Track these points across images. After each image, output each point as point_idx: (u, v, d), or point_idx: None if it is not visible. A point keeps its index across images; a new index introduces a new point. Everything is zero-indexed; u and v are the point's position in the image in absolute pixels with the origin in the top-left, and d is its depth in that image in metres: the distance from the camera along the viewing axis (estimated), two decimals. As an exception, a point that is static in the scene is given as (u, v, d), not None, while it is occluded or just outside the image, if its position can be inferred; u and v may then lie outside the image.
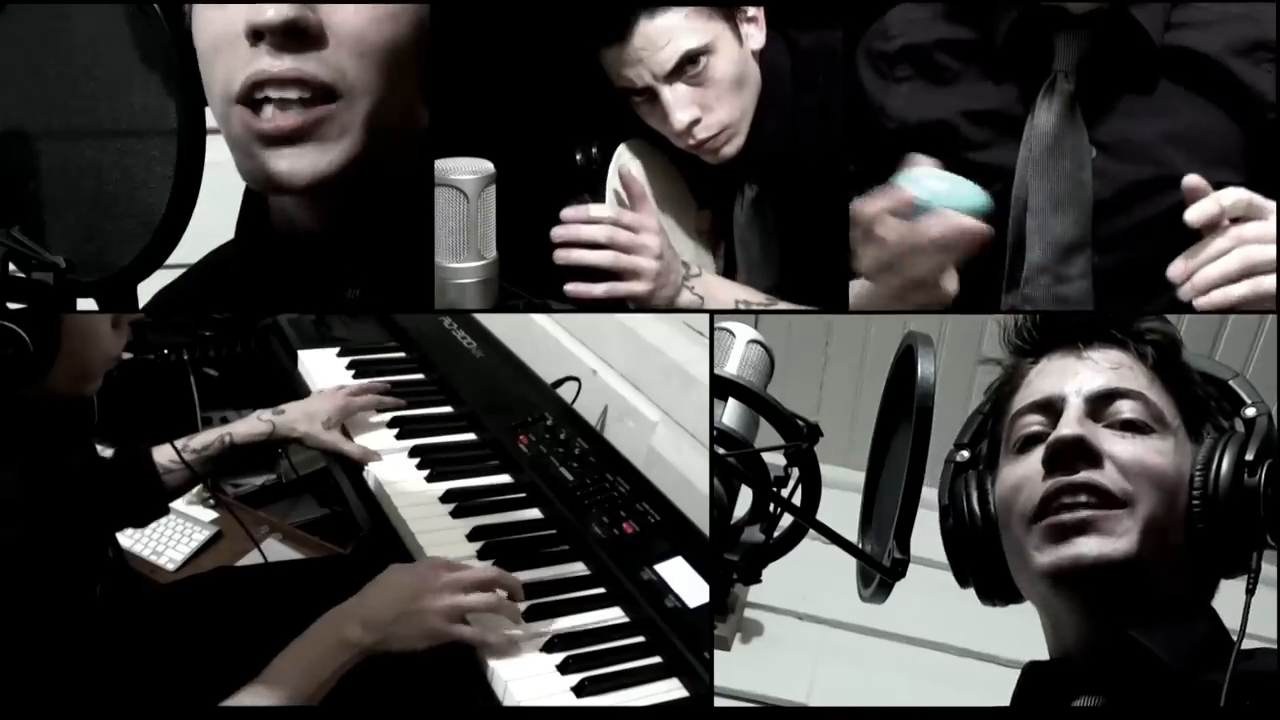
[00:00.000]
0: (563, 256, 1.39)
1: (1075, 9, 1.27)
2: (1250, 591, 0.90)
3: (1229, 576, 0.95)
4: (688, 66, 1.40)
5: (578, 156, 1.51)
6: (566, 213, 1.40)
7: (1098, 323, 1.00)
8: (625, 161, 1.51)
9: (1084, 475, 0.91)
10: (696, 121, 1.42)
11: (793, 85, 1.48)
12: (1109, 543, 0.89)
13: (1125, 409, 0.95)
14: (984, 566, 1.01)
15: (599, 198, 1.48)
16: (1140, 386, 0.96)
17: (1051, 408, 0.97)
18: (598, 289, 1.39)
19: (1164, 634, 0.89)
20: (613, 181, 1.49)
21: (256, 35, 1.16)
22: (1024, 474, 0.96)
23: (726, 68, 1.42)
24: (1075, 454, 0.92)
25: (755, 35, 1.46)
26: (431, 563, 1.34)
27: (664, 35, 1.38)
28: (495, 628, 1.27)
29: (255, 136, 1.19)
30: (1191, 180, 1.16)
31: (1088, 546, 0.90)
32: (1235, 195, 1.15)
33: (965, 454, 1.05)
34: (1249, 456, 0.92)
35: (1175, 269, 1.17)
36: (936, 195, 1.24)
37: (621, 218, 1.40)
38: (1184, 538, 0.92)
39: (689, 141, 1.45)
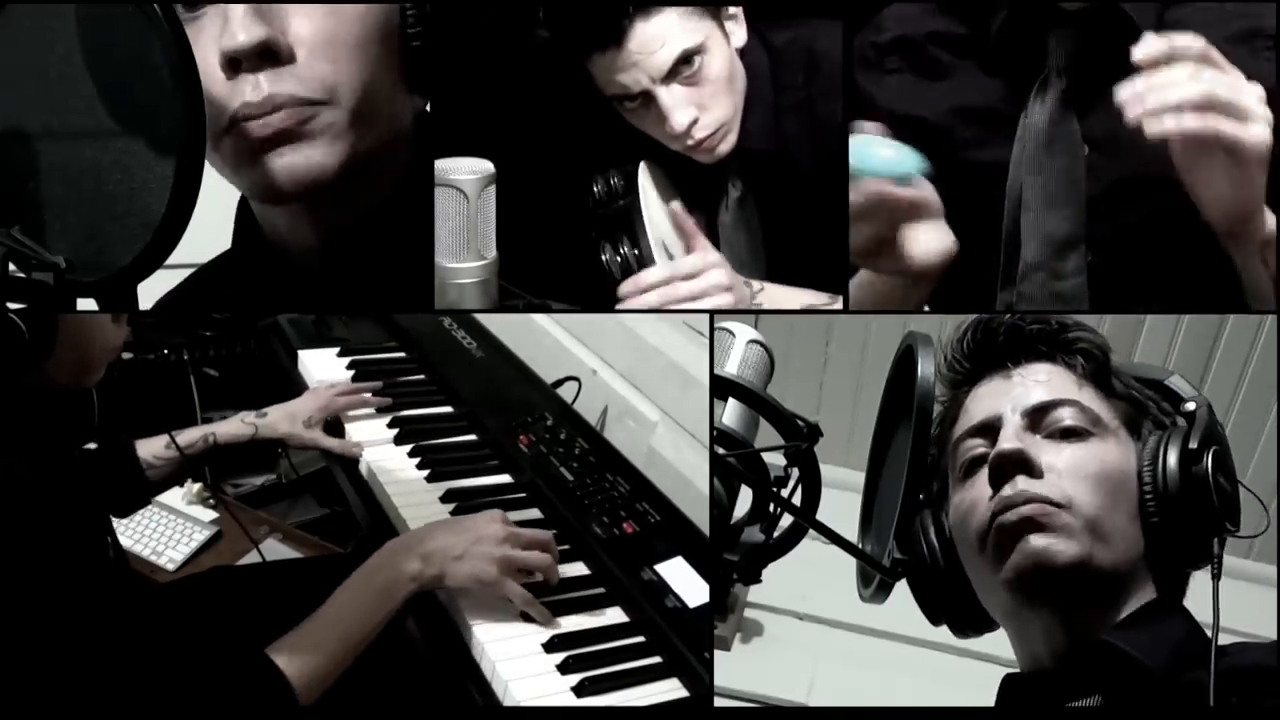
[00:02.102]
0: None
1: (1068, 6, 1.27)
2: (1216, 577, 0.91)
3: (1194, 568, 0.96)
4: (683, 67, 1.40)
5: (596, 189, 1.50)
6: (623, 289, 1.41)
7: (1025, 340, 1.00)
8: (649, 187, 1.49)
9: (1025, 485, 0.92)
10: (695, 121, 1.42)
11: (772, 83, 1.48)
12: (1057, 540, 0.90)
13: (1064, 416, 0.96)
14: (952, 600, 1.02)
15: (631, 230, 1.47)
16: (1072, 394, 0.97)
17: (990, 429, 0.98)
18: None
19: (1140, 636, 0.89)
20: (650, 213, 1.48)
21: (232, 64, 1.18)
22: (974, 497, 0.96)
23: (719, 66, 1.43)
24: (1017, 467, 0.93)
25: (738, 33, 1.47)
26: (494, 513, 1.36)
27: (658, 37, 1.38)
28: (535, 602, 1.28)
29: (252, 145, 1.20)
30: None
31: (1037, 543, 0.90)
32: (1189, 39, 1.06)
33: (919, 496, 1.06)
34: (1193, 445, 0.93)
35: (1125, 90, 1.06)
36: (867, 162, 1.22)
37: (678, 270, 1.40)
38: (1142, 535, 0.93)
39: (687, 142, 1.44)
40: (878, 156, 1.22)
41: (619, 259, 1.47)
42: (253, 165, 1.22)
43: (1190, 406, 0.97)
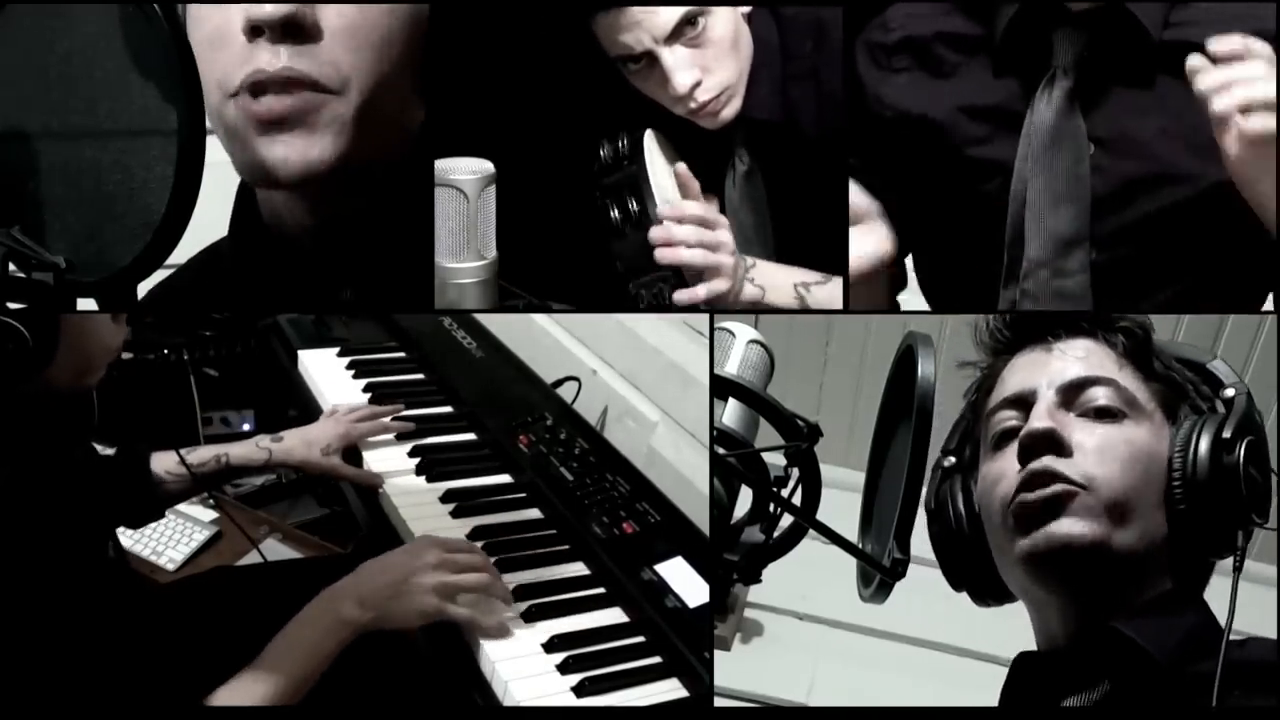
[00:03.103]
0: (665, 256, 1.39)
1: (1074, 5, 1.27)
2: (1237, 569, 0.90)
3: (1218, 558, 0.95)
4: (686, 28, 1.39)
5: (603, 151, 1.49)
6: (663, 211, 1.40)
7: (1069, 318, 1.00)
8: (656, 151, 1.49)
9: (1051, 464, 0.92)
10: (698, 84, 1.41)
11: (781, 52, 1.47)
12: (1077, 523, 0.89)
13: (1098, 396, 0.95)
14: (974, 567, 1.01)
15: (637, 190, 1.45)
16: (1111, 373, 0.96)
17: (1024, 402, 0.97)
18: (700, 291, 1.39)
19: (1150, 625, 0.89)
20: (656, 174, 1.46)
21: (255, 31, 1.18)
22: (1001, 469, 0.96)
23: (724, 28, 1.41)
24: (1047, 446, 0.92)
25: None
26: (424, 541, 1.34)
27: None
28: (486, 609, 1.28)
29: (251, 122, 1.20)
30: (1193, 60, 1.12)
31: (1057, 526, 0.90)
32: (1257, 41, 1.10)
33: (951, 459, 1.06)
34: (1226, 434, 0.92)
35: (1206, 80, 1.10)
36: None
37: (706, 215, 1.40)
38: (1166, 522, 0.92)
39: (690, 105, 1.43)
40: None
41: (624, 218, 1.46)
42: (251, 144, 1.22)
43: (1229, 393, 0.96)
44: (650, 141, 1.48)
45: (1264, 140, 1.09)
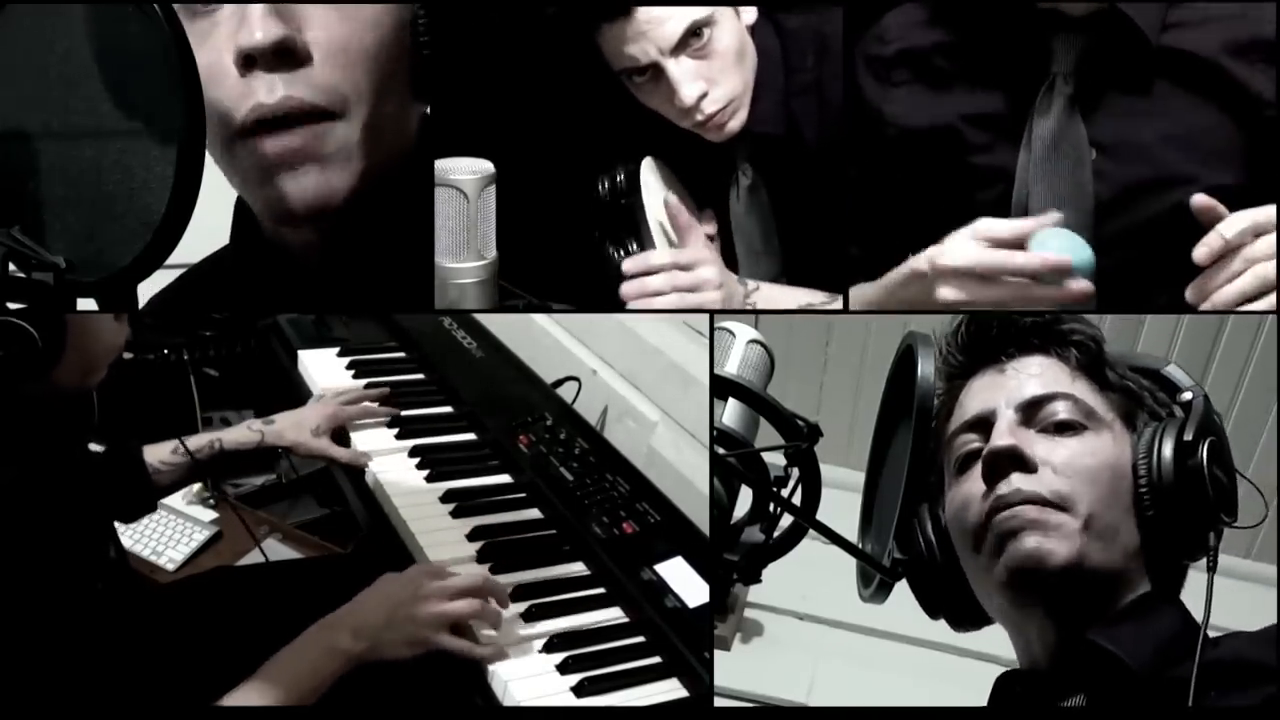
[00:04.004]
0: (639, 307, 1.40)
1: (1072, 10, 1.27)
2: (1211, 569, 0.90)
3: (1191, 560, 0.95)
4: (692, 40, 1.39)
5: (600, 187, 1.49)
6: (628, 265, 1.41)
7: (1019, 333, 1.00)
8: (653, 184, 1.49)
9: (1019, 483, 0.92)
10: (704, 95, 1.41)
11: (783, 66, 1.48)
12: (1051, 541, 0.90)
13: (1057, 410, 0.96)
14: (948, 594, 1.02)
15: (635, 228, 1.46)
16: (1066, 387, 0.97)
17: (984, 423, 0.97)
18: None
19: (1127, 634, 0.89)
20: (654, 211, 1.47)
21: (248, 61, 1.18)
22: (967, 492, 0.96)
23: (728, 39, 1.41)
24: (1010, 463, 0.93)
25: (748, 9, 1.46)
26: (420, 570, 1.34)
27: (667, 8, 1.37)
28: (479, 636, 1.27)
29: (263, 166, 1.21)
30: (1200, 201, 1.16)
31: (1033, 547, 0.90)
32: (1239, 225, 1.14)
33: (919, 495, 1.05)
34: (1188, 437, 0.92)
35: (1190, 293, 1.17)
36: (1084, 259, 1.20)
37: (679, 259, 1.40)
38: (1137, 529, 0.92)
39: (696, 117, 1.43)
40: (1077, 253, 1.20)
41: (622, 256, 1.46)
42: (265, 185, 1.24)
43: (1187, 396, 0.97)
44: (648, 173, 1.48)
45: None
